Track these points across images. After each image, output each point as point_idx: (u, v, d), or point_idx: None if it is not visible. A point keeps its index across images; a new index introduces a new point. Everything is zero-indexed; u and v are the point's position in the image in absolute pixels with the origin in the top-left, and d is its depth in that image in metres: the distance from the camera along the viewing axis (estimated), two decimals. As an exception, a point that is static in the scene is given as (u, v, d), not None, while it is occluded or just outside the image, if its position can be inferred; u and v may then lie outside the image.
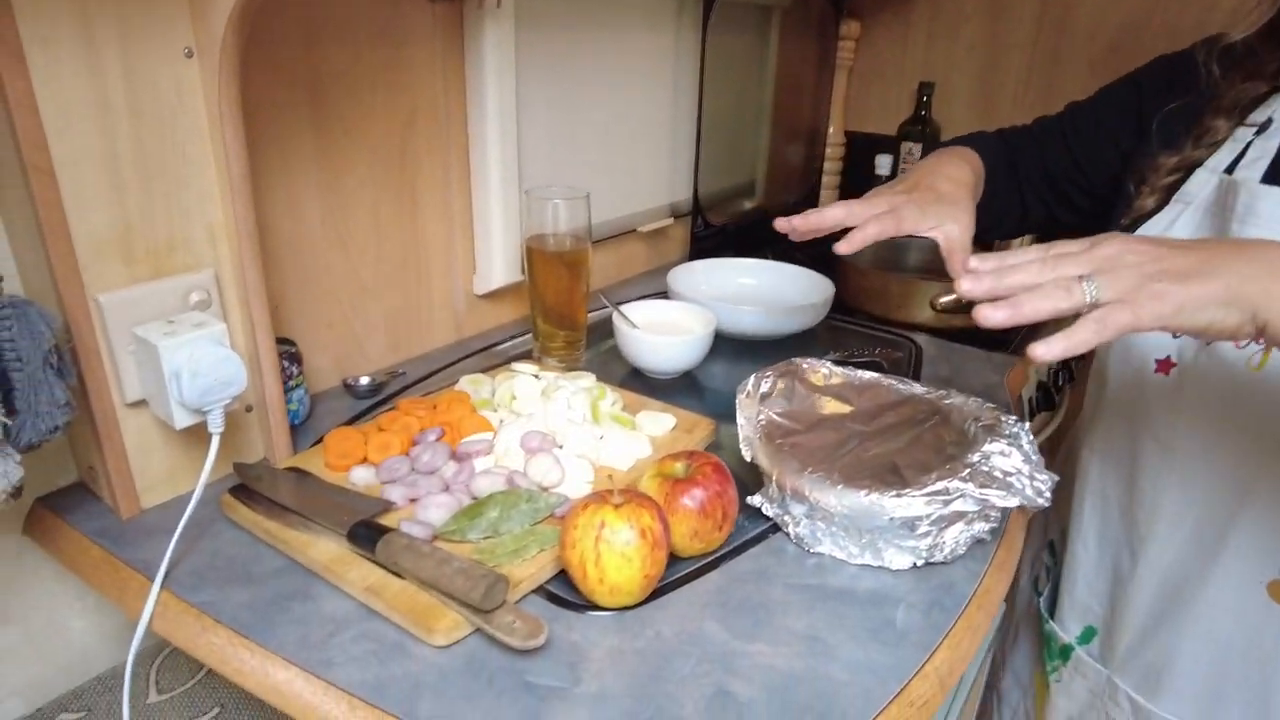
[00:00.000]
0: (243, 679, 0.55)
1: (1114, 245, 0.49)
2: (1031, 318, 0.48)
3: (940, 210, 0.70)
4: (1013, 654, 0.93)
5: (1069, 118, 0.86)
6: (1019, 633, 0.92)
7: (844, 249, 0.68)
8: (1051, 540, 0.90)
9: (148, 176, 0.63)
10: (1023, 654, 0.91)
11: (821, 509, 0.63)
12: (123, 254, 0.63)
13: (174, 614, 0.59)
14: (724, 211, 1.42)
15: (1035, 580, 0.91)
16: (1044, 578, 0.90)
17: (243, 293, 0.70)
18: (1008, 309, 0.48)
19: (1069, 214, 0.89)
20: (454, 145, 0.96)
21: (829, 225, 0.70)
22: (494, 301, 1.09)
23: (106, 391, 0.64)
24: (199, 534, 0.66)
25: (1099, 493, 0.77)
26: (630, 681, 0.53)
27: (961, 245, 0.69)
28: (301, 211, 0.83)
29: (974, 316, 0.50)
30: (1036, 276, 0.49)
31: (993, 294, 0.50)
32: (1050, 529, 0.91)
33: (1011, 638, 0.94)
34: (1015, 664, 0.92)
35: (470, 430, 0.76)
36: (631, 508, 0.57)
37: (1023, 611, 0.92)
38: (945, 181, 0.75)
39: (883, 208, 0.69)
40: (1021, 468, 0.63)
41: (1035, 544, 0.93)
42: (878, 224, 0.68)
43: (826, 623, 0.59)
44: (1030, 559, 0.93)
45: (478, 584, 0.54)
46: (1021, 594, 0.93)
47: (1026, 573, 0.93)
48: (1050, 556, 0.89)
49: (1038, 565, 0.91)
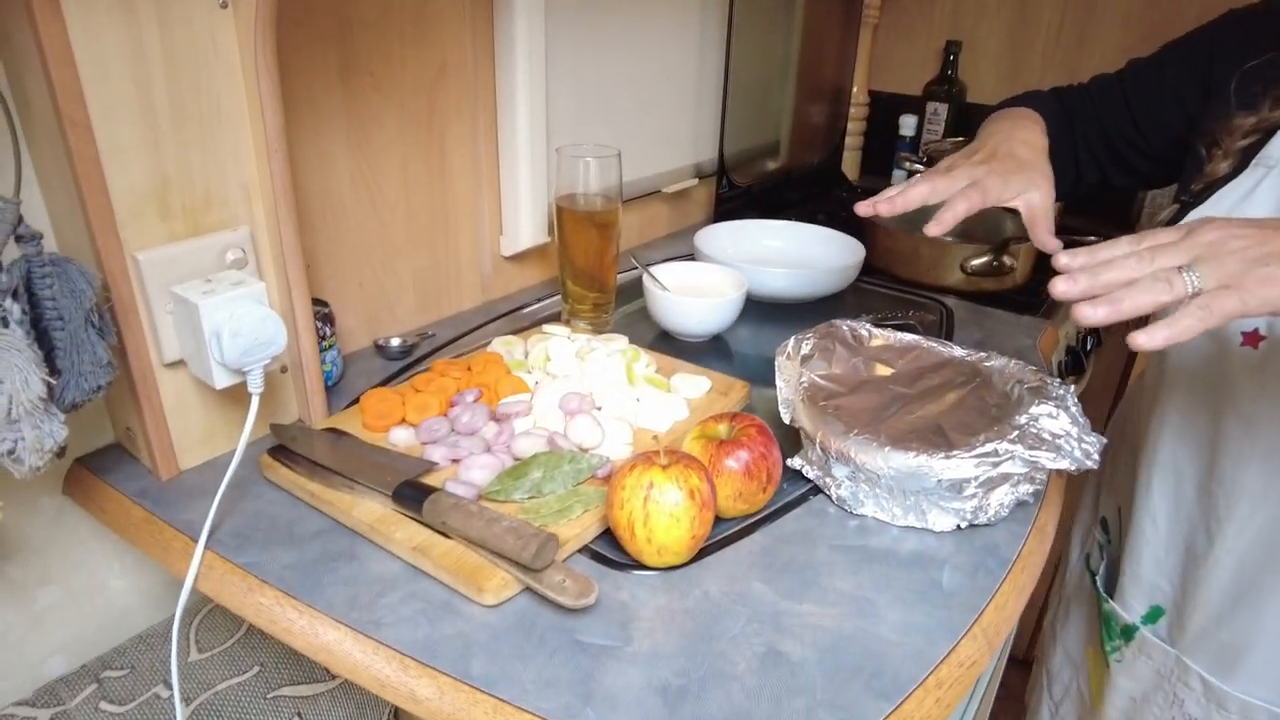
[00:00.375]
0: (291, 639, 0.55)
1: (1214, 231, 0.48)
2: (1131, 314, 0.47)
3: (1022, 178, 0.68)
4: (1063, 631, 0.91)
5: (1130, 76, 0.82)
6: (1070, 609, 0.89)
7: (935, 230, 0.66)
8: (1104, 517, 0.88)
9: (183, 131, 0.62)
10: (1074, 631, 0.89)
11: (867, 471, 0.63)
12: (160, 210, 0.62)
13: (220, 574, 0.59)
14: (748, 172, 1.40)
15: (1087, 557, 0.89)
16: (1097, 555, 0.88)
17: (278, 251, 0.69)
18: (1107, 306, 0.47)
19: (1124, 177, 0.86)
20: (482, 101, 0.95)
21: (915, 205, 0.68)
22: (520, 264, 1.08)
23: (145, 351, 0.63)
24: (239, 495, 0.66)
25: (1170, 469, 0.74)
26: (681, 640, 0.53)
27: (1044, 213, 0.67)
28: (331, 168, 0.82)
29: (1074, 316, 0.48)
30: (1133, 271, 0.48)
31: (1089, 294, 0.49)
32: (1103, 505, 0.89)
33: (1062, 614, 0.91)
34: (1066, 641, 0.90)
35: (507, 391, 0.75)
36: (679, 469, 0.57)
37: (1074, 588, 0.90)
38: (1023, 147, 0.72)
39: (965, 181, 0.68)
40: (1070, 430, 0.62)
41: (1085, 519, 0.91)
42: (965, 200, 0.66)
43: (873, 583, 0.59)
44: (1080, 534, 0.91)
45: (529, 543, 0.54)
46: (1072, 570, 0.91)
47: (1076, 548, 0.91)
48: (1104, 533, 0.87)
49: (1089, 541, 0.89)
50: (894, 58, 1.74)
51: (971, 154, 0.73)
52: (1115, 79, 0.84)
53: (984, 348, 0.92)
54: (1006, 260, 1.11)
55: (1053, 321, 1.07)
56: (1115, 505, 0.86)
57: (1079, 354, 1.15)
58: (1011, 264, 1.12)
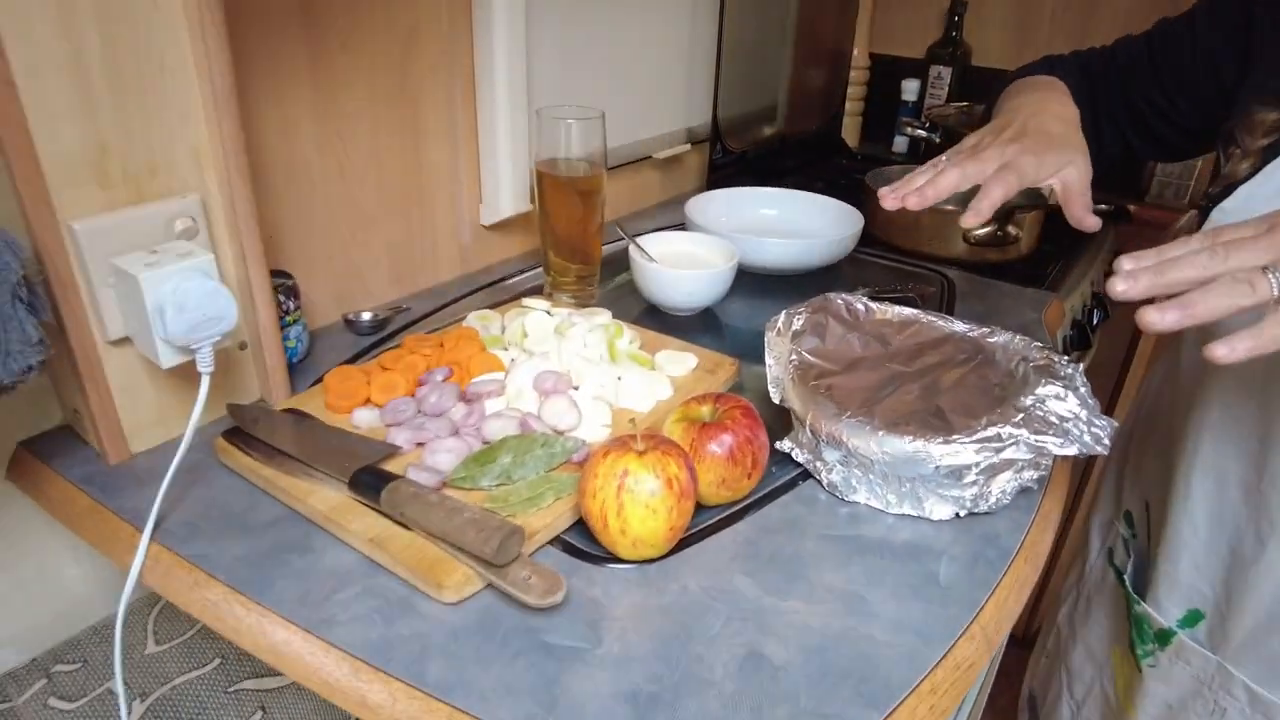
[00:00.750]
0: (239, 638, 0.52)
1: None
2: (1206, 318, 0.42)
3: (1057, 155, 0.63)
4: (1084, 628, 0.86)
5: (1159, 38, 0.74)
6: (1090, 605, 0.84)
7: (973, 221, 0.61)
8: (1128, 510, 0.82)
9: (122, 89, 0.57)
10: (1097, 629, 0.84)
11: (859, 456, 0.58)
12: (98, 176, 0.57)
13: (165, 567, 0.55)
14: (743, 138, 1.34)
15: (1109, 551, 0.83)
16: (1121, 550, 0.82)
17: (232, 220, 0.64)
18: (1178, 310, 0.42)
19: (1152, 150, 0.79)
20: (458, 62, 0.89)
21: (946, 194, 0.62)
22: (502, 233, 1.03)
23: (86, 328, 0.59)
24: (192, 481, 0.62)
25: (1214, 469, 0.68)
26: (655, 642, 0.50)
27: (1081, 190, 0.62)
28: (296, 134, 0.77)
29: (1138, 321, 0.43)
30: (1206, 269, 0.43)
31: (1152, 293, 0.44)
32: (1127, 497, 0.83)
33: (1082, 610, 0.86)
34: (1088, 639, 0.85)
35: (480, 370, 0.71)
36: (656, 455, 0.53)
37: (1095, 583, 0.84)
38: (1055, 121, 0.67)
39: (996, 163, 0.62)
40: (1078, 412, 0.58)
41: (1107, 511, 0.85)
42: (1001, 184, 0.61)
43: (865, 577, 0.55)
44: (1101, 526, 0.85)
45: (491, 536, 0.50)
46: (1092, 564, 0.85)
47: (1097, 541, 0.86)
48: (1128, 527, 0.81)
49: (1111, 535, 0.84)
50: (896, 19, 1.68)
51: (1000, 131, 0.66)
52: (1143, 41, 0.76)
53: (987, 322, 0.88)
54: (1011, 230, 1.07)
55: (1058, 294, 1.02)
56: (1142, 499, 0.80)
57: (1085, 328, 1.10)
58: (1016, 234, 1.07)
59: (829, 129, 1.59)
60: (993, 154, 0.63)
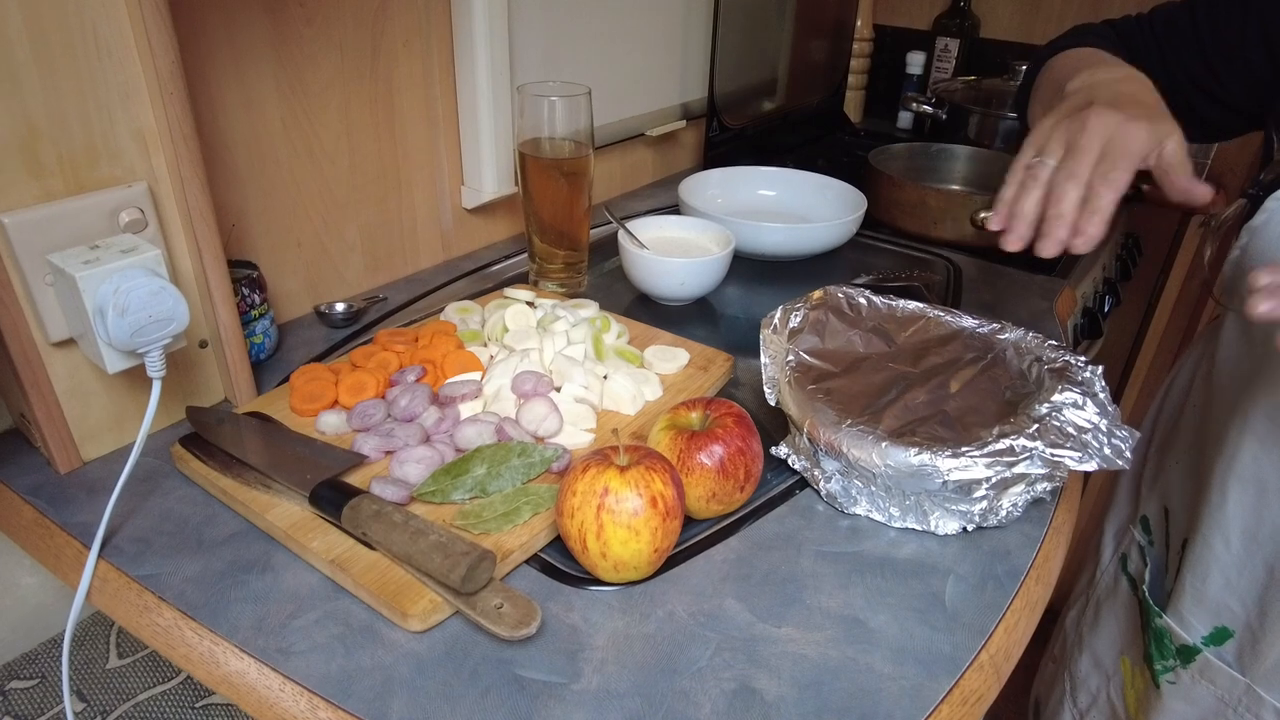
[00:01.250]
0: (190, 666, 0.48)
1: None
2: None
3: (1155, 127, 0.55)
4: (1092, 635, 0.81)
5: (1204, 8, 0.67)
6: (1100, 612, 0.80)
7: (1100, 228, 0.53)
8: (1145, 516, 0.77)
9: (51, 69, 0.52)
10: (1106, 637, 0.79)
11: (861, 468, 0.54)
12: (28, 164, 0.52)
13: (114, 589, 0.51)
14: (741, 113, 1.28)
15: (1123, 558, 0.79)
16: (1137, 557, 0.77)
17: (185, 210, 0.59)
18: None
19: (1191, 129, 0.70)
20: (435, 35, 0.84)
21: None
22: (485, 216, 0.98)
23: (25, 329, 0.54)
24: (148, 490, 0.58)
25: (1252, 481, 0.63)
26: (638, 675, 0.46)
27: (1180, 161, 0.55)
28: (259, 113, 0.72)
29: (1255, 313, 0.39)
30: None
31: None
32: (1144, 502, 0.78)
33: (1090, 616, 0.82)
34: (1095, 646, 0.81)
35: (455, 369, 0.66)
36: (640, 471, 0.49)
37: (1107, 589, 0.80)
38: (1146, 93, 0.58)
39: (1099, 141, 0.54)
40: (1097, 422, 0.54)
41: (1121, 515, 0.80)
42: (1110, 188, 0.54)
43: (865, 600, 0.51)
44: (1115, 531, 0.81)
45: (458, 563, 0.46)
46: (1104, 570, 0.81)
47: (1110, 546, 0.81)
48: (1144, 533, 0.77)
49: (1125, 540, 0.79)
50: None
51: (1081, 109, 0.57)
52: (1184, 9, 0.69)
53: (995, 311, 0.83)
54: (1022, 213, 1.01)
55: (1069, 281, 0.97)
56: (1161, 504, 0.75)
57: (1096, 316, 1.05)
58: (1027, 217, 1.02)
59: (831, 104, 1.53)
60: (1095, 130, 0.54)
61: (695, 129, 1.28)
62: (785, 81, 1.36)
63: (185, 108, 0.57)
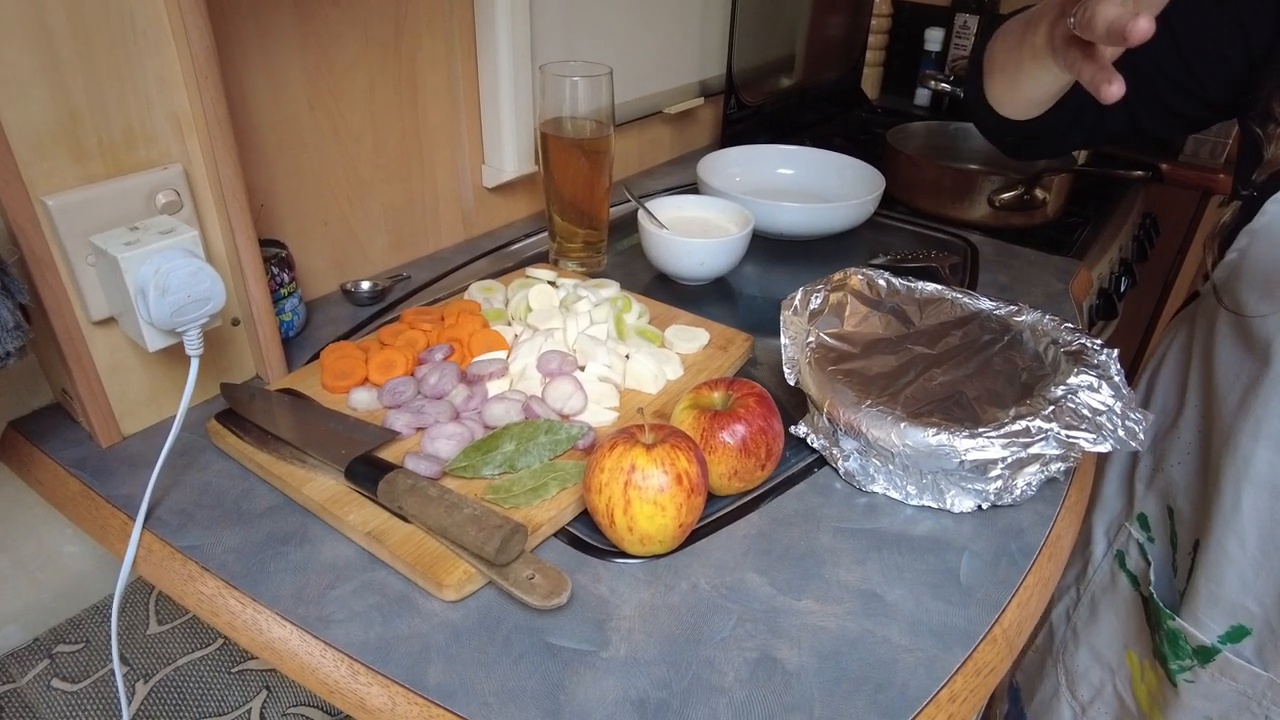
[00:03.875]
0: (234, 633, 0.50)
1: None
2: None
3: None
4: (1089, 630, 0.82)
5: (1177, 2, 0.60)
6: (1097, 607, 0.80)
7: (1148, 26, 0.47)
8: (1143, 513, 0.77)
9: (92, 56, 0.53)
10: (1106, 631, 0.80)
11: (879, 447, 0.56)
12: (71, 148, 0.54)
13: (159, 559, 0.54)
14: (759, 90, 1.28)
15: (1119, 555, 0.79)
16: (1137, 555, 0.77)
17: (218, 191, 0.61)
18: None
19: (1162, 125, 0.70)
20: (457, 15, 0.84)
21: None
22: (506, 195, 0.99)
23: (68, 308, 0.56)
24: (186, 464, 0.60)
25: (1266, 484, 0.62)
26: (664, 644, 0.48)
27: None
28: (286, 95, 0.73)
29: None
30: None
31: None
32: (1142, 499, 0.77)
33: (1085, 611, 0.82)
34: (1094, 641, 0.81)
35: (481, 348, 0.68)
36: (665, 449, 0.50)
37: (1102, 585, 0.80)
38: None
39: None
40: (1112, 405, 0.55)
41: (1113, 510, 0.80)
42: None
43: (882, 575, 0.53)
44: (1106, 527, 0.80)
45: (492, 535, 0.48)
46: (1098, 566, 0.80)
47: (1102, 542, 0.80)
48: (1143, 531, 0.76)
49: (1121, 537, 0.79)
50: (922, -39, 1.59)
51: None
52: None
53: (1010, 292, 0.84)
54: (1038, 194, 1.02)
55: (1085, 262, 0.98)
56: (1162, 504, 0.75)
57: (1112, 297, 1.06)
58: (1043, 197, 1.02)
59: (849, 81, 1.52)
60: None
61: (713, 106, 1.28)
62: (803, 58, 1.36)
63: (219, 92, 0.58)
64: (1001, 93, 0.72)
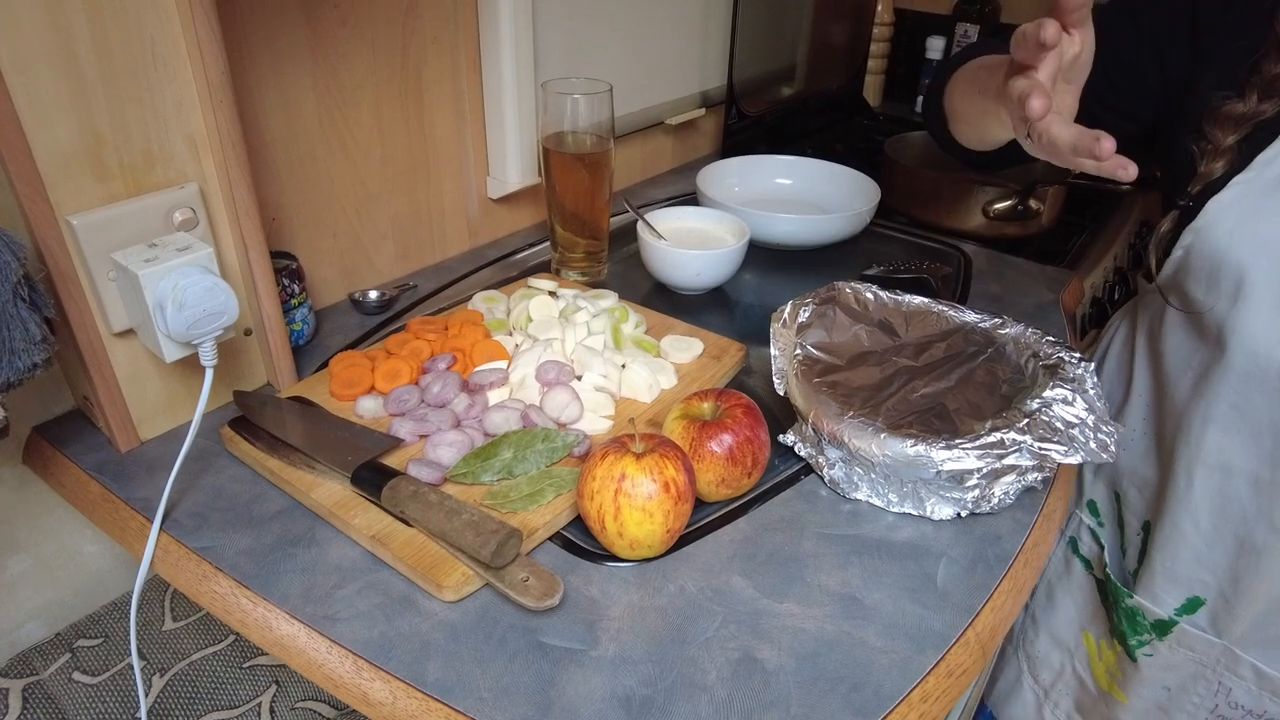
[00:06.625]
0: (245, 630, 0.53)
1: None
2: None
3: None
4: (1046, 616, 0.86)
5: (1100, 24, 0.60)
6: (1054, 593, 0.85)
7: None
8: (1092, 500, 0.81)
9: (115, 81, 0.56)
10: (1063, 616, 0.84)
11: (861, 456, 0.58)
12: (94, 169, 0.57)
13: (175, 559, 0.57)
14: (760, 100, 1.30)
15: (1072, 541, 0.83)
16: (1089, 540, 0.82)
17: (232, 208, 0.64)
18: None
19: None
20: (462, 33, 0.87)
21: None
22: (510, 206, 1.01)
23: (91, 321, 0.59)
24: (201, 469, 0.63)
25: (1216, 466, 0.66)
26: (651, 644, 0.50)
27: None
28: (297, 112, 0.76)
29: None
30: None
31: None
32: (1089, 487, 0.82)
33: (1043, 598, 0.87)
34: (1053, 626, 0.85)
35: (483, 358, 0.71)
36: (654, 458, 0.53)
37: (1057, 572, 0.85)
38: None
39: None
40: (1085, 418, 0.57)
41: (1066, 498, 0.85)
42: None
43: (862, 579, 0.55)
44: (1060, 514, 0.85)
45: (488, 540, 0.50)
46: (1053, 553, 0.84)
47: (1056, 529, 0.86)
48: (1093, 516, 0.81)
49: (1072, 524, 0.83)
50: (924, -30, 1.61)
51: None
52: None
53: (1002, 302, 0.86)
54: (1032, 204, 1.04)
55: (1078, 271, 1.00)
56: (1109, 490, 0.80)
57: (1105, 306, 1.08)
58: (1038, 208, 1.04)
59: (850, 90, 1.54)
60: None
61: (714, 116, 1.30)
62: (804, 67, 1.38)
63: (232, 113, 0.61)
64: (968, 136, 0.76)
